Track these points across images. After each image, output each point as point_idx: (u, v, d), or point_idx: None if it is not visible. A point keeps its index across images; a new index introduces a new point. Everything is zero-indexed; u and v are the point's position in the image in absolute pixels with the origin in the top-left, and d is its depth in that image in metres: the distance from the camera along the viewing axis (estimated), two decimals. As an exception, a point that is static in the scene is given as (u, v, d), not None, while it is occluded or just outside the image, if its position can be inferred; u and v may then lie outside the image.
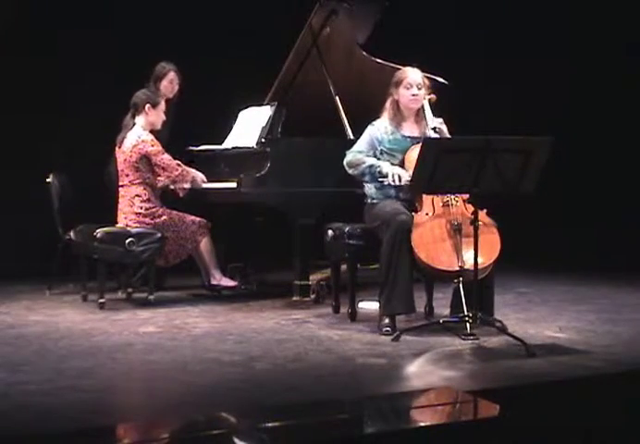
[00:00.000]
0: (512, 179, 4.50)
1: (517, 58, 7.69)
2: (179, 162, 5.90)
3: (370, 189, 5.10)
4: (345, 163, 5.10)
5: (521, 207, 6.22)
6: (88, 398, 3.61)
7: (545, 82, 7.76)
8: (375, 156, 5.07)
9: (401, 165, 5.01)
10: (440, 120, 5.13)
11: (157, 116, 5.95)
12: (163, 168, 5.84)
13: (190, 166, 6.03)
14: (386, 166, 4.96)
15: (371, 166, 5.00)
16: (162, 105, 5.99)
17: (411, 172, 4.68)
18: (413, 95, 5.04)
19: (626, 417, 3.54)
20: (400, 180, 4.88)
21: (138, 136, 5.86)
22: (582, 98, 7.62)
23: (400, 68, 5.31)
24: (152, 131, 5.94)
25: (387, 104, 5.12)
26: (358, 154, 5.08)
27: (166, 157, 5.85)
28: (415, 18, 7.42)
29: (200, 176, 5.99)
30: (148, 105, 5.91)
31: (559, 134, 4.65)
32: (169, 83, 6.36)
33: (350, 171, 5.09)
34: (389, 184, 4.92)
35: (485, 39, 7.68)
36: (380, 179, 4.96)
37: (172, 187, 6.00)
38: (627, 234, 7.42)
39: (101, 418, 3.37)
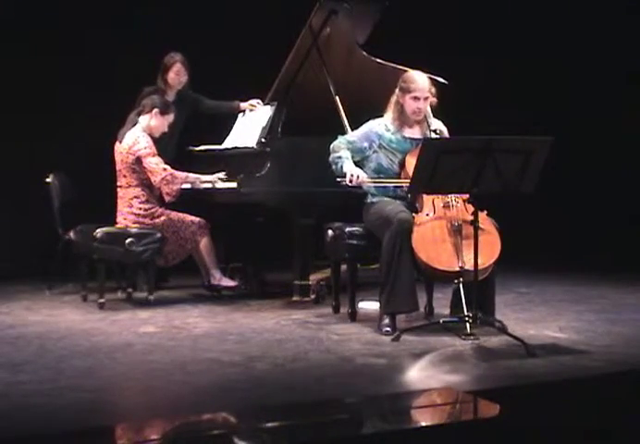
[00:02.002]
0: (512, 180, 4.50)
1: (517, 58, 7.69)
2: (166, 167, 5.84)
3: (370, 188, 5.11)
4: (331, 145, 5.13)
5: (521, 207, 6.22)
6: (88, 398, 3.61)
7: (545, 82, 7.76)
8: (370, 149, 5.08)
9: (402, 165, 5.01)
10: (440, 123, 5.14)
11: (161, 124, 5.93)
12: (150, 172, 5.82)
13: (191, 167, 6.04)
14: (347, 165, 4.99)
15: (339, 158, 5.04)
16: (170, 117, 5.96)
17: (411, 174, 4.67)
18: (419, 108, 5.03)
19: (626, 417, 3.54)
20: (356, 181, 4.91)
21: (136, 137, 5.86)
22: (582, 98, 7.62)
23: (400, 69, 5.30)
24: (152, 136, 5.93)
25: (392, 104, 5.11)
26: (345, 142, 5.12)
27: (154, 161, 5.81)
28: (415, 18, 7.42)
29: (201, 178, 5.95)
30: (156, 110, 5.90)
31: (559, 134, 4.65)
32: (175, 75, 6.33)
33: (330, 156, 5.11)
34: (346, 184, 4.95)
35: (485, 39, 7.67)
36: (339, 179, 4.99)
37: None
38: (627, 234, 7.42)
39: (101, 418, 3.38)
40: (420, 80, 5.06)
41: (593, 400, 3.71)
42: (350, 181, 4.93)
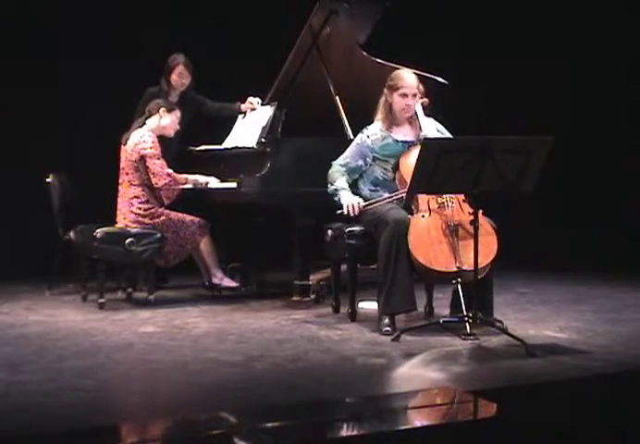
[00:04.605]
0: (512, 179, 4.50)
1: (517, 58, 7.69)
2: (170, 171, 5.85)
3: (364, 190, 5.12)
4: (328, 174, 5.15)
5: (520, 207, 6.22)
6: (88, 398, 3.61)
7: (545, 82, 7.76)
8: (366, 165, 5.09)
9: (395, 169, 5.01)
10: (432, 120, 5.15)
11: (172, 121, 5.95)
12: (153, 173, 5.82)
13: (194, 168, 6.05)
14: (344, 197, 5.01)
15: (336, 191, 5.07)
16: (177, 113, 5.98)
17: (407, 178, 4.67)
18: (407, 105, 5.04)
19: (626, 417, 3.54)
20: (354, 211, 4.94)
21: (141, 136, 5.87)
22: (581, 98, 7.62)
23: (400, 68, 5.30)
24: (162, 138, 5.93)
25: (380, 105, 5.13)
26: (339, 168, 5.12)
27: (159, 163, 5.82)
28: (415, 18, 7.42)
29: (204, 181, 5.97)
30: (163, 109, 5.92)
31: (559, 134, 4.65)
32: (178, 77, 6.33)
33: (328, 186, 5.13)
34: (343, 214, 4.98)
35: (484, 39, 7.67)
36: (338, 211, 5.00)
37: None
38: (627, 234, 7.42)
39: (101, 418, 3.37)
40: (407, 77, 5.07)
41: (593, 400, 3.71)
42: (349, 213, 4.96)
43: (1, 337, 4.80)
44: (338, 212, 5.01)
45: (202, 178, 5.98)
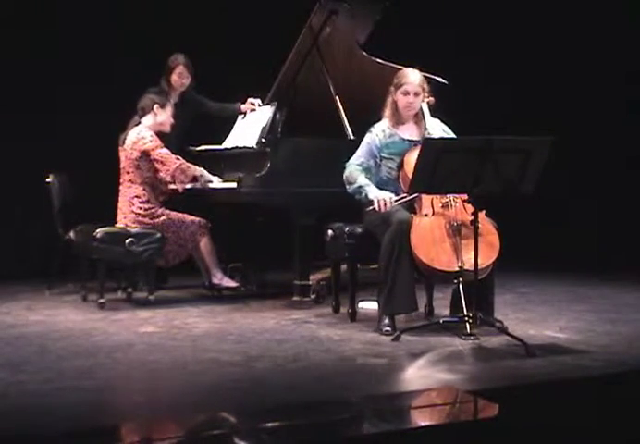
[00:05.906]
0: (512, 180, 4.50)
1: (517, 58, 7.69)
2: (179, 157, 5.88)
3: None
4: (344, 177, 5.09)
5: (521, 207, 6.22)
6: (88, 398, 3.61)
7: (545, 82, 7.76)
8: (376, 165, 5.07)
9: (400, 167, 5.01)
10: (438, 121, 5.15)
11: (167, 116, 5.96)
12: (162, 163, 5.83)
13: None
14: (372, 192, 4.93)
15: (360, 187, 4.98)
16: (170, 108, 5.99)
17: (410, 175, 4.67)
18: (409, 103, 5.04)
19: (626, 417, 3.54)
20: (385, 207, 4.85)
21: (137, 133, 5.87)
22: (581, 98, 7.62)
23: (400, 68, 5.31)
24: (160, 134, 5.93)
25: (388, 103, 5.13)
26: (356, 167, 5.05)
27: (164, 151, 5.83)
28: (415, 18, 7.42)
29: (208, 176, 5.97)
30: (156, 106, 5.92)
31: (559, 134, 4.65)
32: (178, 77, 6.34)
33: (346, 187, 5.07)
34: (375, 210, 4.87)
35: (485, 38, 7.68)
36: (368, 209, 4.92)
37: (172, 184, 5.96)
38: (627, 234, 7.42)
39: (101, 418, 3.38)
40: (411, 75, 5.08)
41: (593, 400, 3.71)
42: (380, 209, 4.86)
43: (1, 337, 4.81)
44: (369, 209, 4.91)
45: (207, 174, 5.98)
